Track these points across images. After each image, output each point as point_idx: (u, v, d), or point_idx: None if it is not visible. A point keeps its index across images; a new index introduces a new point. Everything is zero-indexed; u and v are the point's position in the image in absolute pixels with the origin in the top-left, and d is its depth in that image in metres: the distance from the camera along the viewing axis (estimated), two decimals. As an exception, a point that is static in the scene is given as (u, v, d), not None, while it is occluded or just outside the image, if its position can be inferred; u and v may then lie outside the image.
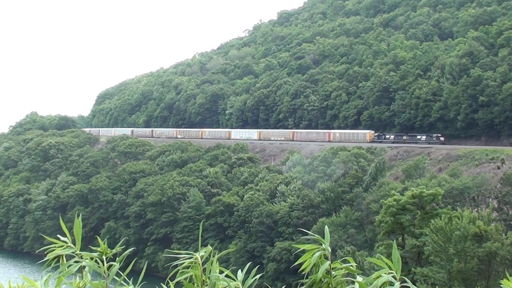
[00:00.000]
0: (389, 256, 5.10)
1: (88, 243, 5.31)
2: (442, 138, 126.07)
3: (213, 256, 5.22)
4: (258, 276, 5.34)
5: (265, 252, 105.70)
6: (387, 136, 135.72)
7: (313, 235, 5.44)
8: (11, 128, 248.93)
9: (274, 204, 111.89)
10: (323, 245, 5.23)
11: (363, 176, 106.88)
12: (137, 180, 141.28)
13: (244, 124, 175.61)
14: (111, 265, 5.20)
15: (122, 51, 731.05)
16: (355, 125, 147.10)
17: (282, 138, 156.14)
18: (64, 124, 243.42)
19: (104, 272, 5.13)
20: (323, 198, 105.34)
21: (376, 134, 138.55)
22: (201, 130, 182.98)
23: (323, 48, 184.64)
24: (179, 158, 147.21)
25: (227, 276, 5.26)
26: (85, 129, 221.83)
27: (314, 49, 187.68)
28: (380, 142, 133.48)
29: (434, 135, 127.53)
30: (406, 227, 61.11)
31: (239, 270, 5.38)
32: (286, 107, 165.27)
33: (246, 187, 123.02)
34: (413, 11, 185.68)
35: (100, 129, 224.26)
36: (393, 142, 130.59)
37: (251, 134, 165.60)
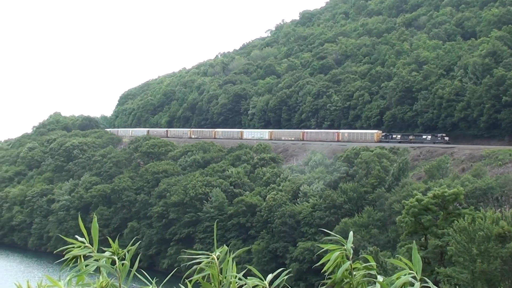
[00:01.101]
0: (411, 256, 5.18)
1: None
2: (446, 138, 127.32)
3: (229, 256, 5.30)
4: (285, 277, 5.40)
5: (287, 252, 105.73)
6: (394, 136, 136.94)
7: (335, 236, 5.52)
8: (34, 129, 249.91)
9: (296, 204, 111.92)
10: (344, 246, 5.31)
11: (386, 177, 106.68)
12: (159, 180, 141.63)
13: (267, 124, 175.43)
14: (124, 265, 5.27)
15: (145, 52, 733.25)
16: (378, 125, 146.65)
17: (293, 138, 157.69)
18: (87, 124, 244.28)
19: (117, 272, 5.21)
20: (346, 198, 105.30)
21: (384, 134, 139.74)
22: (214, 130, 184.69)
23: (346, 48, 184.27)
24: (201, 158, 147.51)
25: (253, 275, 5.35)
26: (106, 129, 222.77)
27: (336, 49, 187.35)
28: (387, 141, 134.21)
29: (439, 135, 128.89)
30: (429, 227, 60.95)
31: (270, 274, 5.44)
32: (308, 107, 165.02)
33: (269, 187, 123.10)
34: (436, 11, 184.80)
35: (119, 129, 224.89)
36: (399, 142, 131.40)
37: (263, 134, 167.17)
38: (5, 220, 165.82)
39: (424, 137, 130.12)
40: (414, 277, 5.03)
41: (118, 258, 5.26)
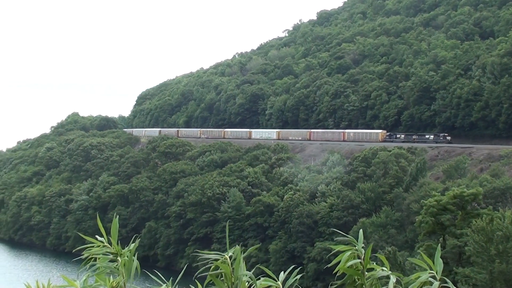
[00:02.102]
0: (430, 256, 5.19)
1: (128, 243, 5.48)
2: (448, 138, 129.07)
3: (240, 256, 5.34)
4: (298, 276, 5.41)
5: (305, 253, 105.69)
6: (397, 136, 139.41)
7: (347, 236, 5.54)
8: (52, 129, 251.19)
9: (314, 204, 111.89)
10: (356, 246, 5.33)
11: (404, 176, 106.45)
12: (177, 180, 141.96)
13: (284, 124, 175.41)
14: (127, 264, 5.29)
15: (163, 52, 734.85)
16: (396, 125, 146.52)
17: (300, 138, 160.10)
18: (105, 124, 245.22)
19: (122, 272, 5.24)
20: (363, 198, 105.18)
21: (388, 133, 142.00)
22: (223, 130, 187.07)
23: (363, 48, 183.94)
24: (219, 159, 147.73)
25: (267, 275, 5.38)
26: (124, 130, 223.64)
27: (354, 49, 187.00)
28: (392, 141, 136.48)
29: (441, 134, 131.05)
30: (447, 227, 60.83)
31: (282, 272, 5.47)
32: (326, 107, 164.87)
33: (286, 187, 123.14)
34: (454, 10, 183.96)
35: (133, 129, 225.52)
36: (403, 142, 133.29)
37: (271, 134, 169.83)
38: (23, 219, 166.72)
39: (427, 136, 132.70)
40: (433, 277, 5.05)
41: (121, 258, 5.30)
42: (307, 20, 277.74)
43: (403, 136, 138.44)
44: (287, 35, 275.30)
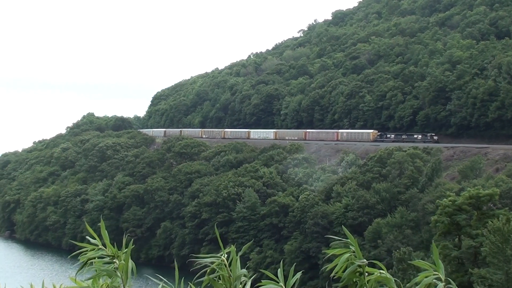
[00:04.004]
0: (445, 257, 5.19)
1: (144, 243, 5.48)
2: (436, 137, 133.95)
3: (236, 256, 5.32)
4: (298, 274, 5.30)
5: (320, 253, 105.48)
6: (388, 136, 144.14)
7: (341, 239, 5.52)
8: (68, 129, 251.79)
9: (329, 204, 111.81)
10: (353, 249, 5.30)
11: (419, 177, 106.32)
12: (192, 181, 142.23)
13: (299, 125, 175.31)
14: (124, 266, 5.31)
15: (178, 52, 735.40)
16: (411, 125, 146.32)
17: (296, 138, 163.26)
18: (120, 125, 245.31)
19: (120, 273, 5.25)
20: (379, 198, 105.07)
21: (379, 133, 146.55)
22: (223, 130, 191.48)
23: (378, 48, 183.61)
24: (234, 159, 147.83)
25: (270, 278, 5.34)
26: (139, 130, 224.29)
27: (369, 49, 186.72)
28: (382, 141, 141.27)
29: (429, 134, 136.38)
30: (463, 227, 60.67)
31: (279, 270, 5.37)
32: (341, 107, 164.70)
33: (301, 187, 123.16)
34: (470, 10, 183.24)
35: (144, 130, 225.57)
36: (393, 141, 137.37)
37: (268, 134, 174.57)
38: (39, 220, 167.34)
39: (415, 136, 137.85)
40: (438, 278, 5.04)
41: (118, 259, 5.33)
42: (322, 20, 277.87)
43: (393, 136, 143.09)
44: (302, 35, 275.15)
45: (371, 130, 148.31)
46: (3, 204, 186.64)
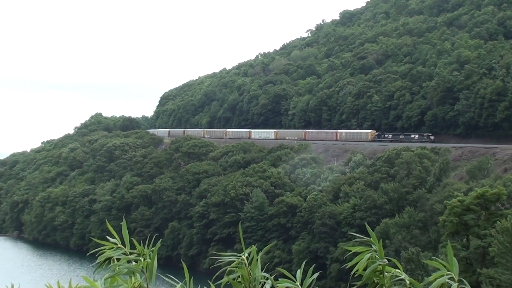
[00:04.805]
0: (453, 257, 5.19)
1: (150, 243, 5.50)
2: (432, 137, 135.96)
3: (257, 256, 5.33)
4: (316, 275, 5.34)
5: (328, 253, 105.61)
6: (386, 135, 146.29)
7: (362, 237, 5.54)
8: (76, 129, 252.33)
9: (337, 205, 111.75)
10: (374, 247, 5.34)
11: (427, 177, 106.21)
12: (200, 181, 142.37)
13: (307, 125, 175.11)
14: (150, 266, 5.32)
15: (185, 53, 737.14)
16: (419, 125, 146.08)
17: (296, 138, 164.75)
18: (128, 125, 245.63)
19: (145, 273, 5.27)
20: (387, 198, 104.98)
21: (377, 133, 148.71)
22: (225, 130, 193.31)
23: (386, 48, 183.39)
24: (242, 159, 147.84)
25: (286, 277, 5.38)
26: (146, 130, 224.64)
27: (377, 49, 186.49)
28: (380, 141, 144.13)
29: (425, 134, 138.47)
30: (471, 227, 60.60)
31: (298, 270, 5.44)
32: (349, 107, 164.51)
33: (309, 187, 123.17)
34: (478, 10, 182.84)
35: (150, 130, 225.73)
36: (390, 141, 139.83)
37: (269, 134, 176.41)
38: (47, 220, 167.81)
39: (412, 136, 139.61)
40: (451, 278, 5.06)
41: (144, 259, 5.31)
42: (330, 20, 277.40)
43: (391, 135, 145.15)
44: (309, 35, 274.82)
45: (369, 130, 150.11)
46: (12, 204, 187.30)
